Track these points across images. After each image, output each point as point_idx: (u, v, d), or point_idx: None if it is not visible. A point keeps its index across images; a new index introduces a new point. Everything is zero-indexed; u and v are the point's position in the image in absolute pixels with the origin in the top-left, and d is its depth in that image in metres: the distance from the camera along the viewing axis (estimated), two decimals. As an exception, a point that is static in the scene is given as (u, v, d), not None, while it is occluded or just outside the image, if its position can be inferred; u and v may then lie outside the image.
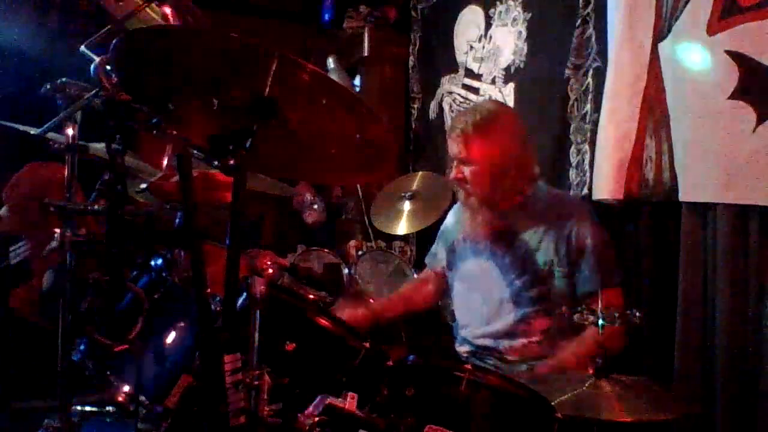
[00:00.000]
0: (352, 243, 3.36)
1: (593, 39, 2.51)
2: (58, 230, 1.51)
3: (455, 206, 2.44)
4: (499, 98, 3.04)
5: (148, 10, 1.55)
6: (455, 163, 2.14)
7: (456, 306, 2.32)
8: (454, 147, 2.11)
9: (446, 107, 3.53)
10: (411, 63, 3.88)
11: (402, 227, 2.99)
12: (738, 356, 1.96)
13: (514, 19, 3.00)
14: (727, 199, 1.97)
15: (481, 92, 3.22)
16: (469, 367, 1.46)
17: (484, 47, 3.21)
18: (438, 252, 2.43)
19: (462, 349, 2.23)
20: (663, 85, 2.19)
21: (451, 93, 3.48)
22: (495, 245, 2.14)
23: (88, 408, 1.81)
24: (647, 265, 2.31)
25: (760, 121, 1.85)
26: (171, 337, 1.60)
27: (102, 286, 1.54)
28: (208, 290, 1.21)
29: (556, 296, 2.03)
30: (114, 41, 1.18)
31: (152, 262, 1.69)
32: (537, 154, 2.26)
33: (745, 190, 1.90)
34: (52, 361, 1.52)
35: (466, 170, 2.10)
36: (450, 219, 2.45)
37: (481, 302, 2.17)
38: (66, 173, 1.57)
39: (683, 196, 2.10)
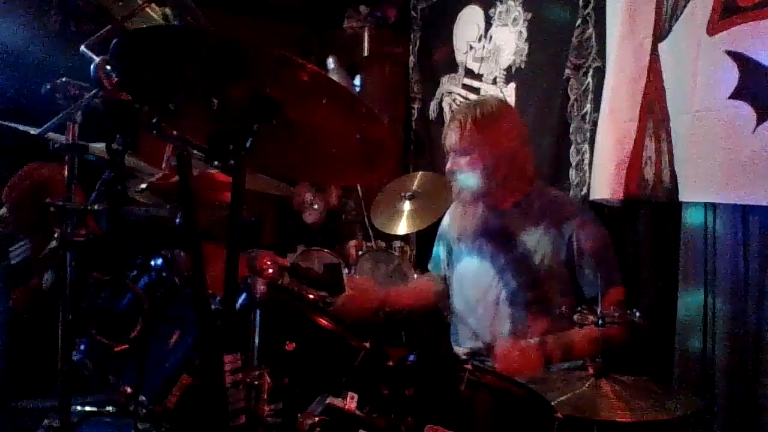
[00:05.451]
0: (352, 243, 3.36)
1: (593, 39, 2.51)
2: (58, 230, 1.51)
3: (451, 206, 2.42)
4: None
5: (148, 10, 1.55)
6: (451, 155, 2.14)
7: (453, 306, 2.30)
8: (451, 137, 2.12)
9: (446, 107, 3.53)
10: (411, 63, 3.88)
11: (402, 227, 2.99)
12: (738, 356, 1.97)
13: (515, 19, 3.00)
14: (727, 199, 1.98)
15: (482, 92, 3.22)
16: (469, 366, 1.45)
17: (484, 47, 3.21)
18: (440, 254, 2.42)
19: (460, 350, 2.22)
20: (663, 85, 2.19)
21: (450, 93, 3.48)
22: (491, 245, 2.13)
23: (88, 408, 1.81)
24: (647, 265, 2.31)
25: (760, 121, 1.85)
26: (171, 337, 1.59)
27: (102, 286, 1.54)
28: (209, 290, 1.21)
29: (553, 298, 2.02)
30: (114, 41, 1.18)
31: (152, 262, 1.69)
32: (537, 154, 2.26)
33: (745, 190, 1.90)
34: (52, 361, 1.52)
35: (461, 161, 2.10)
36: (446, 219, 2.43)
37: (477, 302, 2.15)
38: (66, 173, 1.56)
39: (683, 196, 2.10)
